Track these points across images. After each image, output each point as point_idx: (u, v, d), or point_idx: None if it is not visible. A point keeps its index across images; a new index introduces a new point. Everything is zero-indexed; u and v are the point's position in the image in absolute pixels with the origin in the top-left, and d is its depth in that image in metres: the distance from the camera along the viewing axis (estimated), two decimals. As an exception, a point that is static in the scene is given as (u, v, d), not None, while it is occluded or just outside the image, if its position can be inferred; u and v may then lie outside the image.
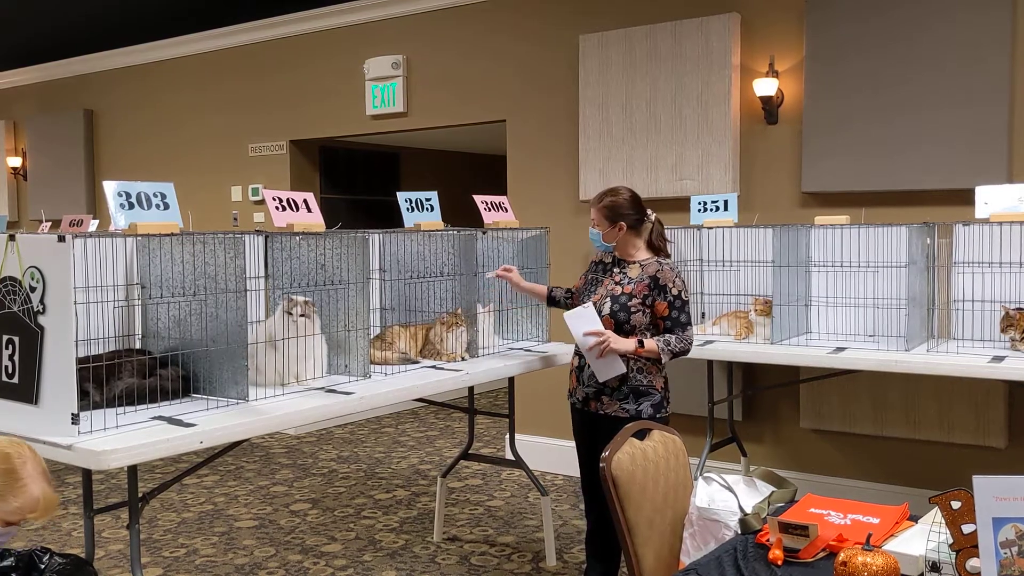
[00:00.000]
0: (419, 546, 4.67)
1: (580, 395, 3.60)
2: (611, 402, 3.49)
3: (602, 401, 3.51)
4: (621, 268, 3.57)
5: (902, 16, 4.73)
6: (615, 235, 3.54)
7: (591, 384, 3.53)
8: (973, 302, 4.24)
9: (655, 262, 3.52)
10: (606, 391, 3.50)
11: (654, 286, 3.45)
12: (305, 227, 3.32)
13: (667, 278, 3.46)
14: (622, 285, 3.50)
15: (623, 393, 3.48)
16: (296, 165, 7.53)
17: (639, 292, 3.45)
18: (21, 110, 9.44)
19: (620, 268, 3.57)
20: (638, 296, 3.45)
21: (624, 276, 3.53)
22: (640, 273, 3.50)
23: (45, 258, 2.57)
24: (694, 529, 2.62)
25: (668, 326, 3.47)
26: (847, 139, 4.89)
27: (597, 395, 3.52)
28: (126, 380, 2.89)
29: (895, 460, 4.92)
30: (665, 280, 3.46)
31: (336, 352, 3.49)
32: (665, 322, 3.47)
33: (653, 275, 3.47)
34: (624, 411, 3.47)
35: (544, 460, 5.90)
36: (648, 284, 3.46)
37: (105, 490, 5.63)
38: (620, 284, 3.51)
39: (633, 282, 3.48)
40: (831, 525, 2.36)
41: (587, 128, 5.71)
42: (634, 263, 3.55)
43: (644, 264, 3.53)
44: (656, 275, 3.47)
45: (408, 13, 6.63)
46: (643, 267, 3.52)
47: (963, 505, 1.96)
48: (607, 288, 3.54)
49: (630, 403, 3.47)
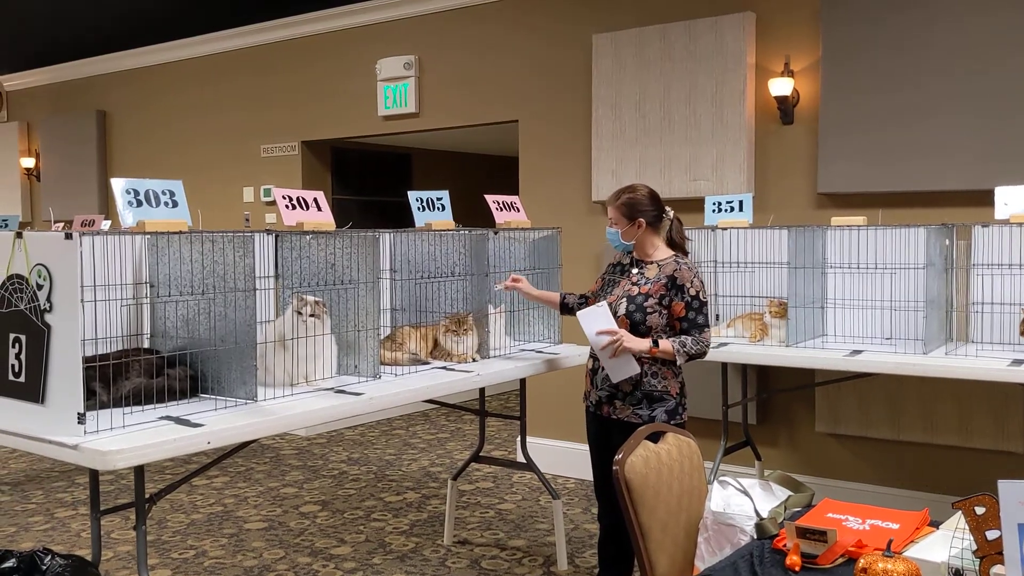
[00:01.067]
0: (429, 549, 4.63)
1: (594, 398, 3.55)
2: (624, 407, 3.44)
3: (615, 405, 3.46)
4: (639, 268, 3.51)
5: (919, 15, 4.67)
6: (634, 233, 3.48)
7: (604, 387, 3.47)
8: (992, 304, 4.17)
9: (673, 261, 3.45)
10: (619, 395, 3.44)
11: (671, 286, 3.39)
12: (315, 226, 3.29)
13: (685, 278, 3.39)
14: (639, 285, 3.44)
15: (636, 398, 3.42)
16: (308, 166, 7.51)
17: (656, 292, 3.39)
18: (34, 111, 9.46)
19: (638, 268, 3.51)
20: (655, 296, 3.39)
21: (642, 276, 3.47)
22: (658, 273, 3.44)
23: (52, 256, 2.54)
24: (709, 534, 2.57)
25: (685, 327, 3.41)
26: (864, 139, 4.83)
27: (610, 399, 3.47)
28: (134, 379, 2.86)
29: (912, 465, 4.85)
30: (683, 280, 3.39)
31: (346, 352, 3.45)
32: (682, 323, 3.41)
33: (671, 275, 3.40)
34: (637, 416, 3.40)
35: (556, 463, 5.85)
36: (665, 284, 3.39)
37: (115, 491, 5.62)
38: (637, 284, 3.45)
39: (650, 282, 3.42)
40: (849, 530, 2.31)
41: (600, 128, 5.67)
42: (652, 263, 3.48)
43: (662, 264, 3.46)
44: (674, 275, 3.40)
45: (420, 13, 6.60)
46: (661, 267, 3.45)
47: (988, 510, 1.91)
48: (623, 289, 3.48)
49: (643, 409, 3.41)
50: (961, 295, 4.25)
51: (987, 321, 4.19)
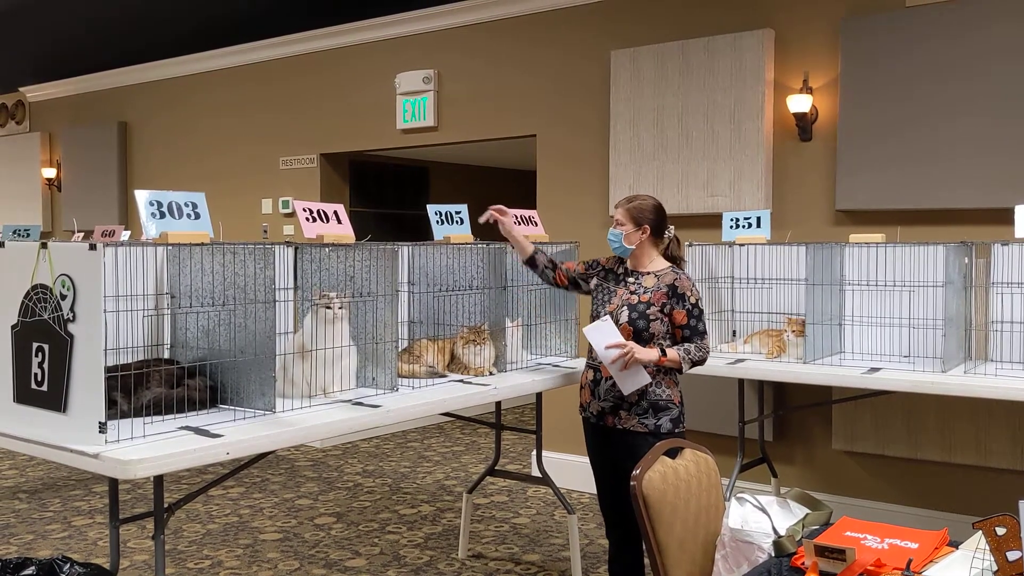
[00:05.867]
0: (444, 563, 4.63)
1: (595, 409, 3.57)
2: (629, 416, 3.47)
3: (620, 416, 3.49)
4: (636, 278, 3.56)
5: (939, 33, 4.67)
6: (637, 238, 3.53)
7: (608, 398, 3.51)
8: (1012, 323, 4.15)
9: (671, 271, 3.54)
10: (624, 405, 3.48)
11: (672, 294, 3.47)
12: (335, 239, 3.31)
13: (685, 287, 3.48)
14: (637, 294, 3.51)
15: (642, 408, 3.45)
16: (326, 178, 7.55)
17: (657, 300, 3.46)
18: (56, 122, 9.55)
19: (634, 278, 3.56)
20: (656, 304, 3.46)
21: (639, 286, 3.53)
22: (656, 283, 3.51)
23: (76, 266, 2.56)
24: (726, 551, 2.56)
25: (686, 335, 3.48)
26: (882, 156, 4.82)
27: (615, 409, 3.50)
28: (154, 390, 2.88)
29: (929, 484, 4.82)
30: (683, 289, 3.48)
31: (364, 364, 3.47)
32: (683, 331, 3.48)
33: (671, 284, 3.48)
34: (643, 426, 3.45)
35: (571, 478, 5.84)
36: (666, 293, 3.47)
37: (131, 500, 5.64)
38: (636, 293, 3.52)
39: (649, 291, 3.49)
40: (868, 549, 2.30)
41: (618, 143, 5.68)
42: (648, 273, 3.56)
43: (660, 274, 3.53)
44: (674, 284, 3.48)
45: (439, 28, 6.64)
46: (659, 277, 3.52)
47: (1008, 531, 1.90)
48: (621, 298, 3.54)
49: (649, 418, 3.45)
50: (980, 313, 4.23)
51: (1006, 340, 4.17)
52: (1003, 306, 4.18)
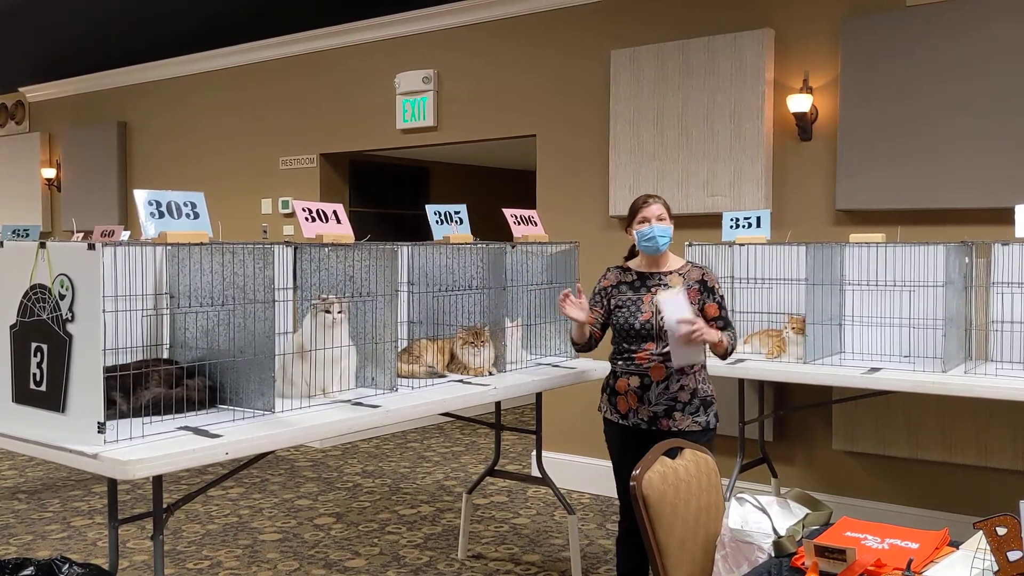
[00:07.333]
0: (443, 563, 4.63)
1: (645, 415, 3.53)
2: (683, 417, 3.50)
3: (674, 418, 3.50)
4: (657, 280, 3.55)
5: (939, 33, 4.66)
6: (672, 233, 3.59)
7: (660, 401, 3.50)
8: (1012, 323, 4.15)
9: (693, 267, 3.59)
10: (677, 406, 3.49)
11: (703, 289, 3.54)
12: (335, 238, 3.31)
13: (712, 280, 3.57)
14: None
15: (695, 406, 3.51)
16: (326, 178, 7.55)
17: (692, 298, 3.49)
18: (56, 122, 9.55)
19: (657, 280, 3.55)
20: (694, 302, 3.48)
21: (664, 287, 3.52)
22: (684, 281, 3.54)
23: (75, 266, 2.56)
24: (726, 551, 2.56)
25: (720, 326, 3.53)
26: (883, 156, 4.82)
27: (668, 412, 3.50)
28: (153, 390, 2.88)
29: (930, 484, 4.82)
30: (712, 282, 3.56)
31: (363, 365, 3.46)
32: (717, 322, 3.52)
33: (700, 279, 3.55)
34: (697, 424, 3.51)
35: (571, 478, 5.84)
36: (698, 289, 3.53)
37: (131, 500, 5.64)
38: None
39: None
40: (869, 549, 2.29)
41: (618, 143, 5.68)
42: (670, 272, 3.57)
43: (683, 272, 3.57)
44: (703, 279, 3.55)
45: (439, 28, 6.64)
46: (684, 275, 3.56)
47: (1009, 531, 1.90)
48: (651, 304, 3.52)
49: (701, 415, 3.52)
50: (980, 313, 4.23)
51: (1007, 340, 4.17)
52: (1003, 306, 4.17)
